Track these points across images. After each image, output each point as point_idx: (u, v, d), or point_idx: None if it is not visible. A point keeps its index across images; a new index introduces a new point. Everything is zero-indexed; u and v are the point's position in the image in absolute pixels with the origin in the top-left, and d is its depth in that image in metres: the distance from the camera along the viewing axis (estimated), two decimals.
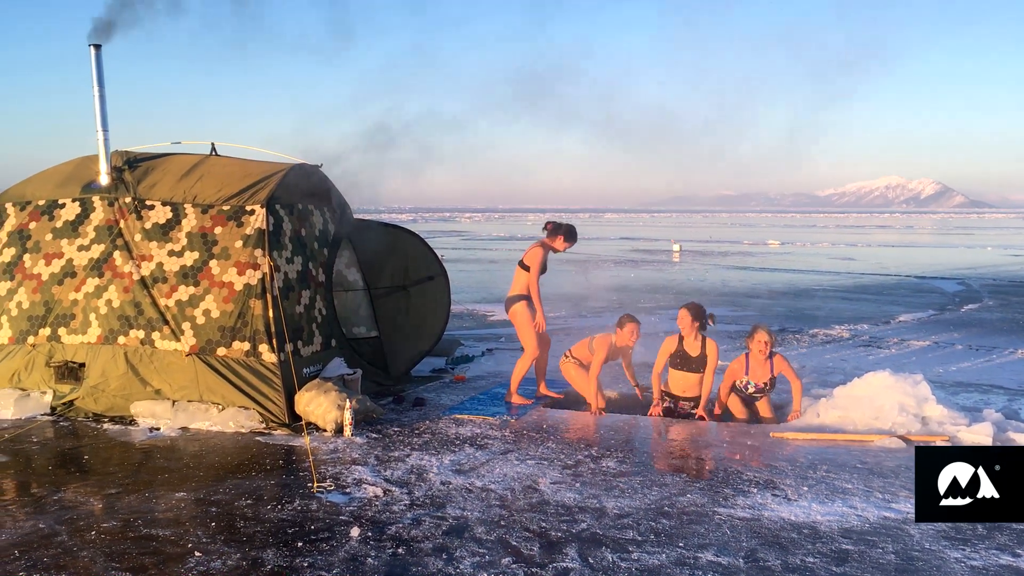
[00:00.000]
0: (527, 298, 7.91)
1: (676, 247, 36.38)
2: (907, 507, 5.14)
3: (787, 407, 7.70)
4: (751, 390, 7.60)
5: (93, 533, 4.70)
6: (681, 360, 7.65)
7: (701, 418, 7.46)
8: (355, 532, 4.72)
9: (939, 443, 6.52)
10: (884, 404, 7.03)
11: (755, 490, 5.50)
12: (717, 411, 7.65)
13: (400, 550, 4.51)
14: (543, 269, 8.01)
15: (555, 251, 8.09)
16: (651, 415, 7.58)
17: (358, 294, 8.97)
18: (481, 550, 4.51)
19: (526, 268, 7.91)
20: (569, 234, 8.06)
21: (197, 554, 4.43)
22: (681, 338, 7.67)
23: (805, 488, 5.54)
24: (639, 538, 4.69)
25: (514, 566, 4.31)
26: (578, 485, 5.59)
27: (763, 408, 7.69)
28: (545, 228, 8.09)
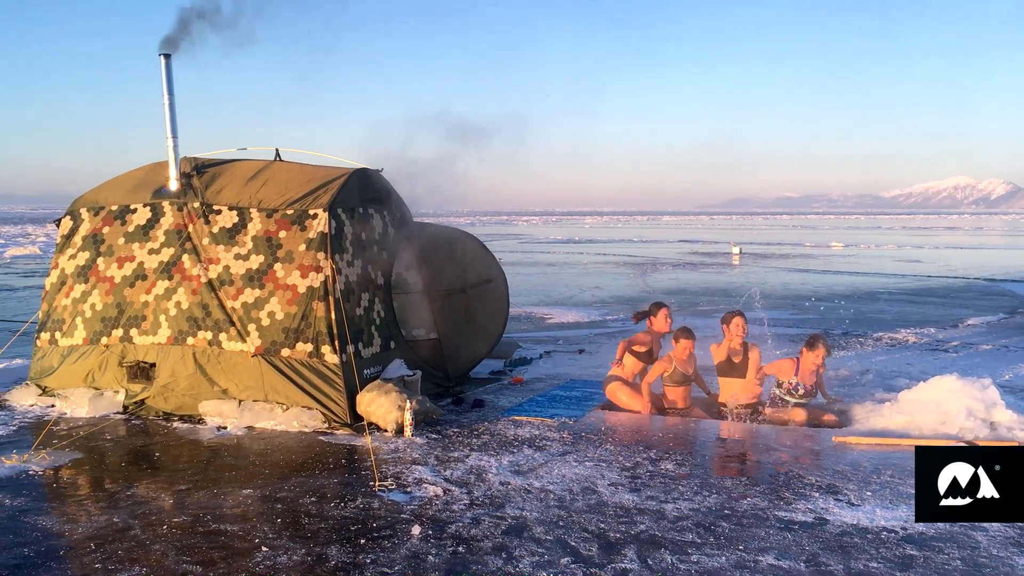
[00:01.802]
0: (620, 379, 8.05)
1: (736, 249, 35.93)
2: None
3: (849, 411, 7.61)
4: (800, 392, 7.50)
5: (164, 527, 4.86)
6: (728, 367, 7.61)
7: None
8: (416, 530, 4.80)
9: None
10: (951, 409, 6.89)
11: (817, 494, 5.44)
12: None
13: (460, 548, 4.57)
14: (652, 357, 8.12)
15: (659, 333, 8.22)
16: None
17: (417, 296, 9.07)
18: (540, 550, 4.55)
19: (634, 353, 8.07)
20: (654, 308, 8.26)
21: (264, 549, 4.55)
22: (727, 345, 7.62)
23: (868, 493, 5.46)
24: (698, 540, 4.67)
25: (573, 566, 4.34)
26: (637, 487, 5.59)
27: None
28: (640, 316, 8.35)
